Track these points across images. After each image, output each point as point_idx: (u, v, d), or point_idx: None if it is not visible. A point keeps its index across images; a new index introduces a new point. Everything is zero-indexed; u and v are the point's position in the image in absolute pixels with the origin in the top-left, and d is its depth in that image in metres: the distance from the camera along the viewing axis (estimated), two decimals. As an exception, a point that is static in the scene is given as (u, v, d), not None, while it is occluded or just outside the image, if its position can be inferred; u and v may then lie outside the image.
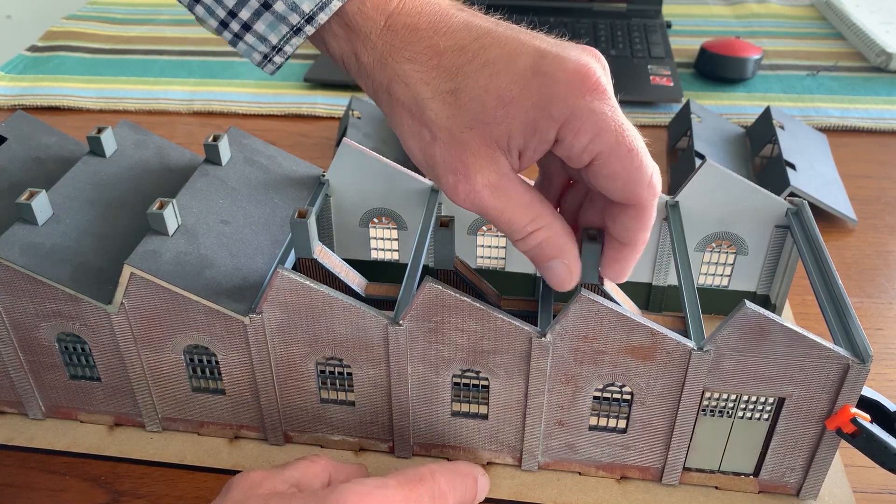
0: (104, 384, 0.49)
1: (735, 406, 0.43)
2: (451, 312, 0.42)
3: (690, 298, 0.45)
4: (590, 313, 0.40)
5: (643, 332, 0.41)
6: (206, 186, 0.49)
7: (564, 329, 0.41)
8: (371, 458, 0.49)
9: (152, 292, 0.44)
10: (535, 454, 0.47)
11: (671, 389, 0.43)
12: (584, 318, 0.41)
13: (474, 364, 0.44)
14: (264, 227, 0.49)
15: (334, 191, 0.54)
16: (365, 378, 0.46)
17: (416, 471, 0.39)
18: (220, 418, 0.49)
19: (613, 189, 0.38)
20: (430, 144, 0.38)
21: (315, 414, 0.48)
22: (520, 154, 0.38)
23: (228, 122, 0.88)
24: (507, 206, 0.39)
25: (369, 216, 0.55)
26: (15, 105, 0.91)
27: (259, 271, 0.46)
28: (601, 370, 0.43)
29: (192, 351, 0.47)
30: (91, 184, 0.50)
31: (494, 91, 0.37)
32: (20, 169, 0.52)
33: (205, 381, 0.48)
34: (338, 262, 0.48)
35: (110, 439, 0.50)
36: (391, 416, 0.47)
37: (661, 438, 0.45)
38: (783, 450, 0.44)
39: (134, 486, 0.47)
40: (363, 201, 0.54)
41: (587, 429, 0.45)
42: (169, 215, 0.44)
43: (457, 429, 0.47)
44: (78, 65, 1.01)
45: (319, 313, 0.43)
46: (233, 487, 0.38)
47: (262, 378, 0.46)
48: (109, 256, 0.46)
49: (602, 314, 0.40)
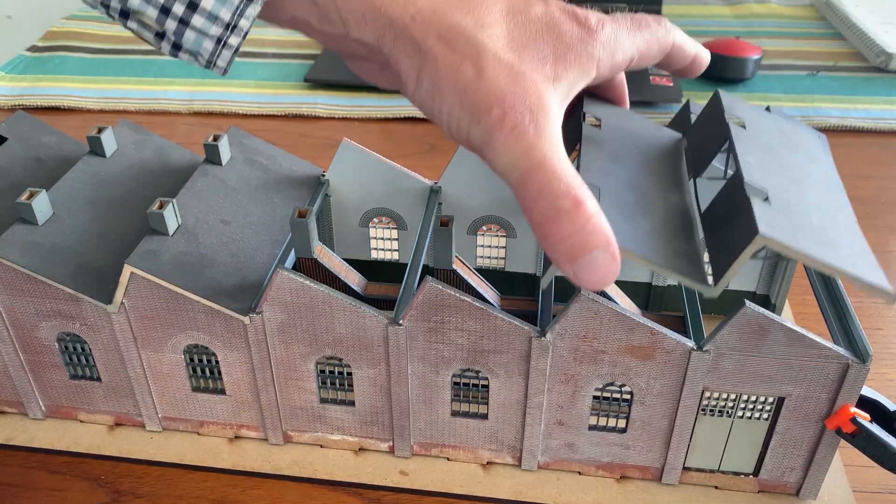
0: (104, 384, 0.49)
1: (735, 406, 0.43)
2: (451, 312, 0.42)
3: (690, 298, 0.45)
4: (589, 313, 0.40)
5: (643, 331, 0.41)
6: (206, 186, 0.49)
7: (564, 329, 0.41)
8: (371, 458, 0.49)
9: (152, 292, 0.44)
10: (535, 454, 0.47)
11: (671, 389, 0.43)
12: (584, 317, 0.41)
13: (474, 364, 0.44)
14: (264, 227, 0.49)
15: (334, 191, 0.54)
16: (365, 378, 0.46)
17: None
18: (220, 418, 0.49)
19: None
20: (475, 79, 0.33)
21: (315, 414, 0.48)
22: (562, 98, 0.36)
23: (228, 122, 0.88)
24: (553, 155, 0.33)
25: (369, 216, 0.55)
26: (15, 105, 0.91)
27: (259, 271, 0.46)
28: (601, 370, 0.43)
29: (192, 350, 0.47)
30: (91, 184, 0.50)
31: (548, 26, 0.36)
32: (20, 169, 0.52)
33: (205, 380, 0.48)
34: (338, 262, 0.48)
35: (110, 439, 0.50)
36: (391, 416, 0.47)
37: (660, 438, 0.45)
38: (783, 449, 0.44)
39: (134, 486, 0.47)
40: (363, 201, 0.54)
41: (587, 428, 0.45)
42: (169, 215, 0.44)
43: (457, 428, 0.47)
44: (78, 65, 1.01)
45: (319, 313, 0.43)
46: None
47: (262, 378, 0.46)
48: (109, 256, 0.46)
49: (602, 314, 0.40)
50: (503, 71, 0.34)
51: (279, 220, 0.50)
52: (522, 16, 0.36)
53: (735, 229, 0.36)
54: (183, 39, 0.36)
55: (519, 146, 0.33)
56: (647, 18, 0.41)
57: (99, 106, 0.90)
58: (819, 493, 0.45)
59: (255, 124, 0.88)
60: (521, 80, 0.34)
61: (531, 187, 0.33)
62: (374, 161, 0.52)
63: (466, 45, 0.34)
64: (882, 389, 0.45)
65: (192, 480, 0.48)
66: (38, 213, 0.45)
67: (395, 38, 0.35)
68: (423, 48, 0.34)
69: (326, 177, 0.54)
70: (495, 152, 0.33)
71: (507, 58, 0.34)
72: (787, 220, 0.36)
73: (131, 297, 0.44)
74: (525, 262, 0.56)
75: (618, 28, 0.39)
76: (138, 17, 0.36)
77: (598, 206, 0.33)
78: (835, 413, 0.42)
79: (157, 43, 0.37)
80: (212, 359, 0.47)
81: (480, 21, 0.35)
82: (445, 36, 0.34)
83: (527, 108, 0.33)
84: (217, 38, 0.36)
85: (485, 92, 0.33)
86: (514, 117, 0.33)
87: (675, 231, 0.38)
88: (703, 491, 0.46)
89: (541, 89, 0.34)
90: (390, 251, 0.57)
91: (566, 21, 0.37)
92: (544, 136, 0.33)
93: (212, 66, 0.37)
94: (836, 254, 0.35)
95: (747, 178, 0.38)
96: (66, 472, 0.48)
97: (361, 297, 0.48)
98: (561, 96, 0.36)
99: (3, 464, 0.49)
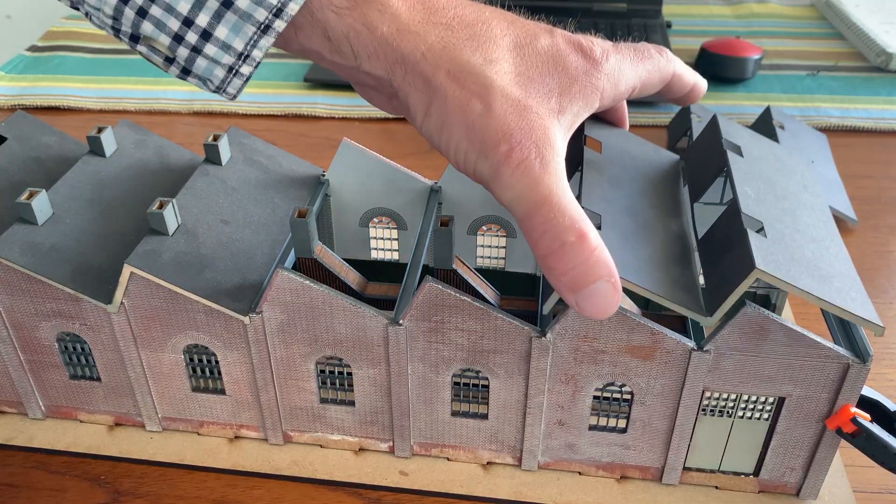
0: (104, 384, 0.49)
1: (735, 406, 0.43)
2: (451, 312, 0.42)
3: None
4: (590, 313, 0.40)
5: (643, 331, 0.41)
6: (206, 186, 0.49)
7: (564, 328, 0.41)
8: (371, 458, 0.49)
9: (152, 292, 0.44)
10: (535, 454, 0.47)
11: (671, 389, 0.43)
12: (584, 317, 0.41)
13: (474, 364, 0.44)
14: (264, 227, 0.49)
15: (334, 191, 0.54)
16: (365, 377, 0.46)
17: None
18: (220, 418, 0.49)
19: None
20: (483, 115, 0.35)
21: (315, 414, 0.48)
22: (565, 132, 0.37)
23: (228, 122, 0.88)
24: (558, 189, 0.34)
25: (369, 216, 0.55)
26: (15, 105, 0.91)
27: (259, 271, 0.46)
28: (601, 370, 0.43)
29: (191, 350, 0.47)
30: (91, 183, 0.50)
31: (553, 59, 0.36)
32: (20, 169, 0.52)
33: (204, 380, 0.48)
34: (338, 262, 0.48)
35: (110, 439, 0.50)
36: (391, 416, 0.47)
37: (661, 438, 0.45)
38: (783, 449, 0.44)
39: (134, 486, 0.47)
40: (363, 201, 0.54)
41: (587, 428, 0.45)
42: (169, 215, 0.44)
43: (457, 428, 0.47)
44: (78, 65, 1.01)
45: (319, 313, 0.43)
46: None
47: (262, 378, 0.46)
48: (109, 256, 0.46)
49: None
50: (510, 106, 0.35)
51: (279, 220, 0.50)
52: (529, 49, 0.37)
53: (732, 261, 0.38)
54: (194, 66, 0.36)
55: (525, 181, 0.34)
56: (650, 48, 0.42)
57: (99, 106, 0.90)
58: (819, 493, 0.45)
59: (255, 124, 0.88)
60: (527, 114, 0.35)
61: (537, 221, 0.34)
62: (374, 161, 0.52)
63: (475, 82, 0.35)
64: (882, 389, 0.45)
65: (191, 480, 0.48)
66: (38, 212, 0.45)
67: (405, 73, 0.36)
68: (432, 84, 0.35)
69: (326, 177, 0.54)
70: (502, 186, 0.35)
71: (514, 93, 0.35)
72: (782, 252, 0.38)
73: (131, 297, 0.44)
74: (525, 262, 0.56)
75: (621, 59, 0.40)
76: (149, 42, 0.36)
77: (600, 237, 0.34)
78: (835, 413, 0.42)
79: (165, 66, 0.37)
80: (211, 359, 0.47)
81: (489, 57, 0.36)
82: (455, 73, 0.35)
83: (533, 143, 0.34)
84: (229, 67, 0.36)
85: (493, 128, 0.34)
86: (520, 153, 0.34)
87: (673, 259, 0.40)
88: (703, 491, 0.46)
89: (546, 124, 0.35)
90: (390, 251, 0.57)
91: (571, 53, 0.38)
92: (549, 171, 0.34)
93: (221, 92, 0.37)
94: (829, 287, 0.38)
95: (744, 209, 0.40)
96: (65, 472, 0.48)
97: (361, 297, 0.48)
98: (565, 128, 0.37)
99: (3, 464, 0.49)
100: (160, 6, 0.34)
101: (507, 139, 0.34)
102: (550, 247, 0.34)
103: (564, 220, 0.33)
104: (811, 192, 0.45)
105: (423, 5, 0.36)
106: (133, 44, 0.36)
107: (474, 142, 0.35)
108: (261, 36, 0.35)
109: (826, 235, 0.42)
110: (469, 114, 0.35)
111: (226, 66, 0.36)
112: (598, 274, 0.33)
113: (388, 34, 0.35)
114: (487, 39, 0.36)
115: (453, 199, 0.53)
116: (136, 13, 0.35)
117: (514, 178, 0.34)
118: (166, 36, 0.35)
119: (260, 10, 0.34)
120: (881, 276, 0.64)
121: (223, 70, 0.36)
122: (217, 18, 0.34)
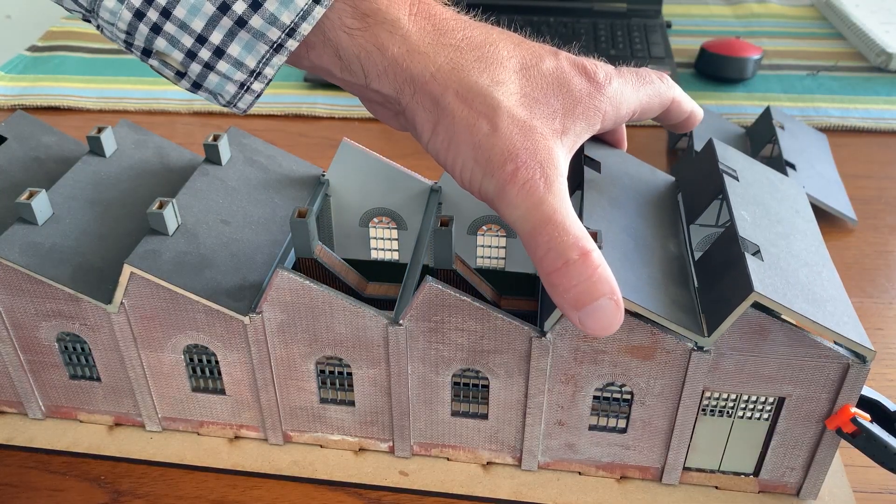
0: (104, 384, 0.49)
1: (735, 406, 0.43)
2: (451, 312, 0.42)
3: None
4: (590, 313, 0.40)
5: (643, 331, 0.41)
6: (206, 186, 0.49)
7: (564, 329, 0.41)
8: (371, 458, 0.49)
9: (152, 292, 0.44)
10: (535, 454, 0.47)
11: (671, 389, 0.43)
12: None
13: (474, 364, 0.44)
14: (264, 227, 0.49)
15: (334, 191, 0.54)
16: (365, 378, 0.46)
17: None
18: (220, 418, 0.49)
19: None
20: (490, 135, 0.35)
21: (315, 414, 0.48)
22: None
23: (228, 122, 0.88)
24: (561, 208, 0.35)
25: (369, 216, 0.55)
26: (15, 105, 0.91)
27: (259, 271, 0.46)
28: (601, 370, 0.43)
29: (191, 350, 0.47)
30: (91, 184, 0.50)
31: (558, 81, 0.37)
32: (20, 169, 0.52)
33: (204, 380, 0.48)
34: (338, 262, 0.48)
35: (110, 439, 0.50)
36: (391, 416, 0.47)
37: (660, 438, 0.45)
38: (783, 449, 0.44)
39: (134, 486, 0.47)
40: (363, 201, 0.54)
41: (587, 428, 0.45)
42: (169, 215, 0.44)
43: (457, 428, 0.47)
44: (78, 65, 1.01)
45: (319, 313, 0.43)
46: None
47: (262, 378, 0.46)
48: (109, 256, 0.46)
49: (602, 314, 0.40)
50: (516, 127, 0.36)
51: (279, 220, 0.50)
52: (534, 70, 0.38)
53: (729, 284, 0.39)
54: (206, 82, 0.36)
55: (530, 200, 0.35)
56: (651, 74, 0.43)
57: (99, 106, 0.90)
58: (819, 493, 0.45)
59: (255, 124, 0.88)
60: (532, 135, 0.36)
61: (541, 239, 0.34)
62: (374, 161, 0.52)
63: (483, 103, 0.36)
64: (882, 389, 0.45)
65: (191, 481, 0.48)
66: (38, 212, 0.45)
67: (414, 93, 0.37)
68: (441, 104, 0.36)
69: (326, 177, 0.54)
70: (507, 205, 0.35)
71: (520, 114, 0.36)
72: (778, 276, 0.39)
73: (131, 297, 0.44)
74: (525, 262, 0.56)
75: (623, 83, 0.41)
76: (162, 57, 0.36)
77: (603, 256, 0.35)
78: (835, 413, 0.42)
79: (176, 80, 0.37)
80: (211, 359, 0.47)
81: (496, 79, 0.37)
82: (463, 94, 0.36)
83: (537, 162, 0.35)
84: (241, 83, 0.36)
85: (499, 147, 0.35)
86: (525, 172, 0.35)
87: (671, 279, 0.41)
88: (703, 491, 0.46)
89: (550, 144, 0.36)
90: (390, 251, 0.57)
91: (575, 76, 0.39)
92: (553, 191, 0.35)
93: (231, 107, 0.38)
94: (823, 311, 0.39)
95: (741, 232, 0.41)
96: (65, 472, 0.48)
97: (361, 297, 0.48)
98: (567, 148, 0.38)
99: (3, 464, 0.49)
100: (174, 23, 0.35)
101: (513, 159, 0.35)
102: (554, 264, 0.34)
103: (568, 239, 0.34)
104: (803, 216, 0.46)
105: (434, 27, 0.37)
106: (145, 58, 0.37)
107: (480, 160, 0.36)
108: (273, 54, 0.35)
109: (818, 260, 0.43)
110: (476, 133, 0.36)
111: (237, 83, 0.36)
112: (601, 291, 0.34)
113: (398, 55, 0.36)
114: (495, 61, 0.37)
115: (453, 199, 0.53)
116: (150, 29, 0.35)
117: (518, 196, 0.35)
118: (179, 52, 0.35)
119: (273, 29, 0.34)
120: (881, 276, 0.64)
121: (234, 86, 0.37)
122: (230, 36, 0.35)
